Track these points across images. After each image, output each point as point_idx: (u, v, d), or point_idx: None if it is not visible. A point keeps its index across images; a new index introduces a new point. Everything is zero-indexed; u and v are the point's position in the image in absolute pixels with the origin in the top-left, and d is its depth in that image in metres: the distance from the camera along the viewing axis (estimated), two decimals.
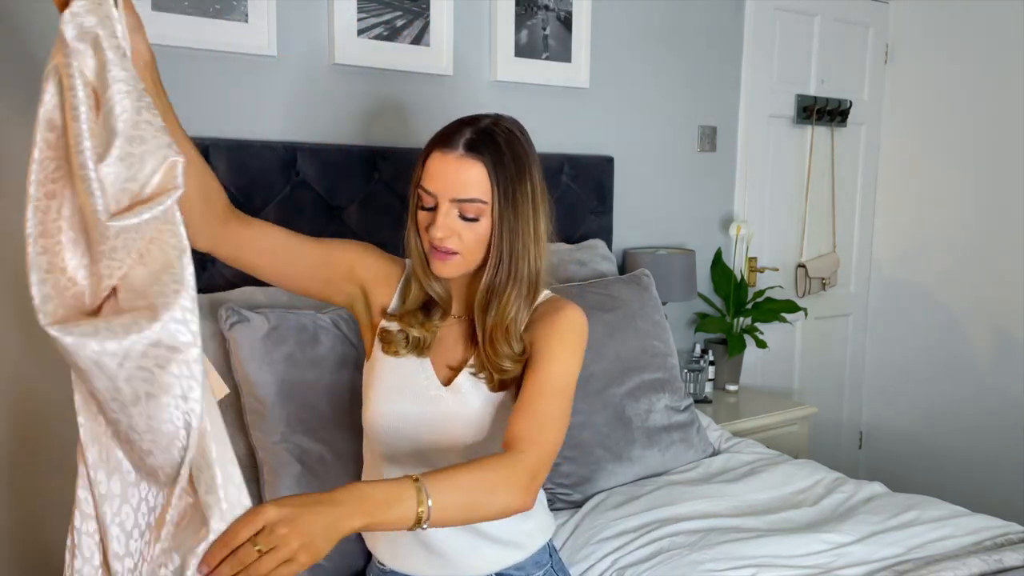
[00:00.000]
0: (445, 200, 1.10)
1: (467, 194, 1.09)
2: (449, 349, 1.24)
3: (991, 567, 1.44)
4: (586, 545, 1.55)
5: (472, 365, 1.20)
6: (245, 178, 1.77)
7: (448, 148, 1.10)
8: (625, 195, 2.48)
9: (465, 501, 0.97)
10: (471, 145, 1.10)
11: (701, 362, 2.58)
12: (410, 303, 1.21)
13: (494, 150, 1.10)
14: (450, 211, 1.10)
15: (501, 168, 1.10)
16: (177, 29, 1.70)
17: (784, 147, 2.96)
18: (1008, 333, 2.90)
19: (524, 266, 1.14)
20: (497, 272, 1.14)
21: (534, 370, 1.14)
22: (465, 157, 1.09)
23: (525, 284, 1.15)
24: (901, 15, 3.13)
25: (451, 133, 1.12)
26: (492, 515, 1.02)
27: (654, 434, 1.89)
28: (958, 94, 2.99)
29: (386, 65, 1.98)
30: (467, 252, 1.13)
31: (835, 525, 1.61)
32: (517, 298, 1.15)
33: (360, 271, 1.24)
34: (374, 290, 1.25)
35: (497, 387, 1.19)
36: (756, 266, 2.92)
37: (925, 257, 3.13)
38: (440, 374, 1.22)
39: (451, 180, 1.09)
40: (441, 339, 1.24)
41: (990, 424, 2.94)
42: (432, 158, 1.12)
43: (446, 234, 1.10)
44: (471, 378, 1.20)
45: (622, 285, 2.05)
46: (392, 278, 1.26)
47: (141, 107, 0.82)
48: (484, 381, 1.19)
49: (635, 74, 2.50)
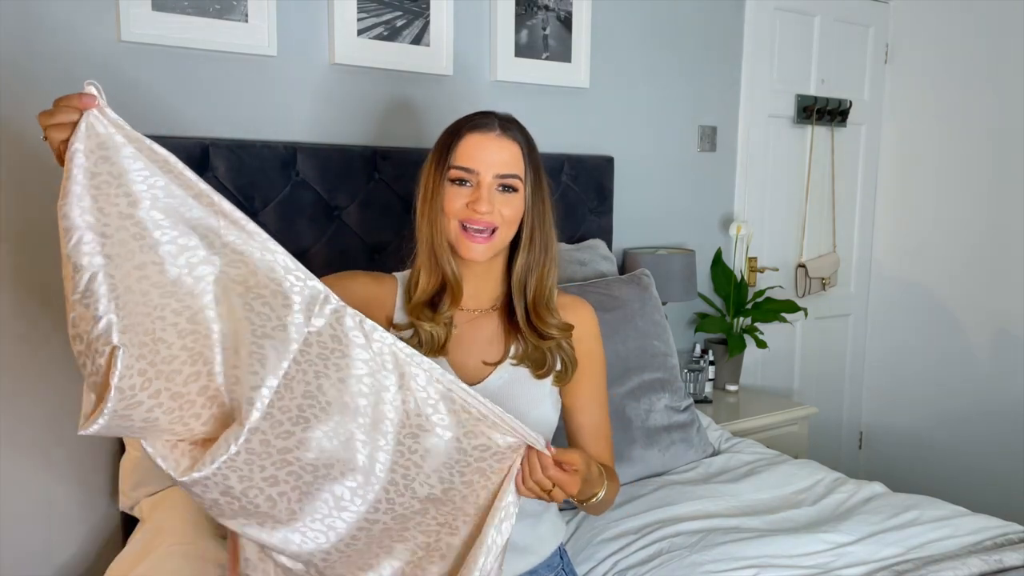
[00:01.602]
0: (488, 175, 1.15)
1: (509, 169, 1.16)
2: (482, 346, 1.23)
3: (991, 567, 1.44)
4: (587, 546, 1.55)
5: (513, 356, 1.22)
6: (245, 178, 1.77)
7: (485, 129, 1.17)
8: (625, 195, 2.48)
9: (611, 498, 1.25)
10: (505, 127, 1.18)
11: (701, 362, 2.58)
12: (418, 297, 1.20)
13: (523, 134, 1.20)
14: (492, 186, 1.15)
15: (529, 150, 1.20)
16: (177, 29, 1.70)
17: (784, 147, 2.96)
18: (1008, 333, 2.90)
19: (553, 243, 1.23)
20: (530, 250, 1.21)
21: (592, 387, 1.29)
22: (503, 136, 1.17)
23: (554, 259, 1.23)
24: (901, 15, 3.13)
25: (479, 118, 1.19)
26: (597, 514, 1.31)
27: (654, 434, 1.89)
28: (958, 94, 2.99)
29: (386, 65, 1.98)
30: (504, 227, 1.17)
31: (835, 525, 1.61)
32: (550, 274, 1.23)
33: (349, 302, 1.22)
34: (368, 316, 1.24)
35: (544, 373, 1.22)
36: (756, 266, 2.92)
37: (925, 257, 3.13)
38: (468, 373, 1.21)
39: (494, 157, 1.15)
40: (466, 336, 1.23)
41: (990, 424, 2.94)
42: (467, 139, 1.16)
43: (490, 208, 1.14)
44: (511, 370, 1.21)
45: (622, 285, 2.05)
46: (384, 298, 1.24)
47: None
48: (529, 369, 1.22)
49: (635, 74, 2.50)
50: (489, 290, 1.25)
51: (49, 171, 1.61)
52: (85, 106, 0.83)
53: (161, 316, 0.87)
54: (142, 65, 1.69)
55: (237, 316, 0.90)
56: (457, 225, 1.16)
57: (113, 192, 0.84)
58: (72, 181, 0.82)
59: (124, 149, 0.85)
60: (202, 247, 0.89)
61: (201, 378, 0.90)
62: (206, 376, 0.90)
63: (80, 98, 0.82)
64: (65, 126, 0.83)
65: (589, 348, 1.28)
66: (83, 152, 0.83)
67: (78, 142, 0.82)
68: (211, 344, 0.90)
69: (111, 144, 0.85)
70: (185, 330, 0.89)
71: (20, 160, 1.59)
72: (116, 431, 0.86)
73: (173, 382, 0.88)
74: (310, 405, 0.93)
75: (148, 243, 0.86)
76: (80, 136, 0.83)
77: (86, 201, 0.83)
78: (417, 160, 1.97)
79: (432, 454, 0.97)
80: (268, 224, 1.80)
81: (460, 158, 1.16)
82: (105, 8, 1.64)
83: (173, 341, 0.88)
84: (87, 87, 0.84)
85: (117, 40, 1.65)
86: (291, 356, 0.90)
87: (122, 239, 0.85)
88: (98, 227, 0.83)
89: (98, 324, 0.82)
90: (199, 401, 0.90)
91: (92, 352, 0.83)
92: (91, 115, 0.83)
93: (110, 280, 0.83)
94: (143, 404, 0.85)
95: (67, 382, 1.65)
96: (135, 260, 0.86)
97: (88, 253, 0.82)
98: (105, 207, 0.84)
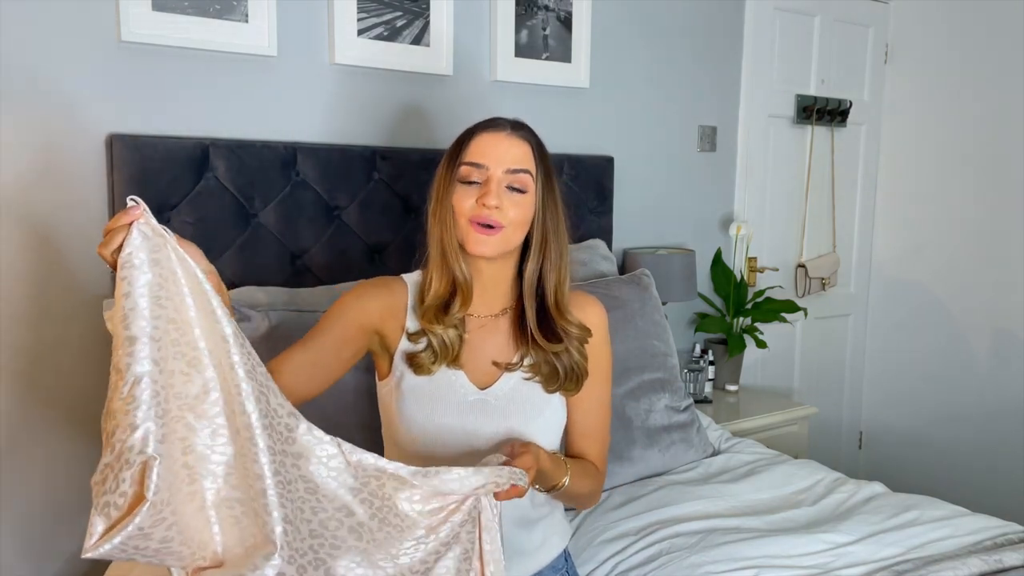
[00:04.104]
0: (499, 170, 1.16)
1: (519, 164, 1.17)
2: (493, 352, 1.23)
3: (991, 567, 1.44)
4: (588, 547, 1.55)
5: (526, 368, 1.22)
6: (245, 178, 1.77)
7: (496, 129, 1.19)
8: (625, 195, 2.48)
9: (579, 492, 1.25)
10: (516, 127, 1.20)
11: (701, 362, 2.58)
12: (430, 301, 1.20)
13: (534, 135, 1.22)
14: (502, 182, 1.16)
15: (540, 151, 1.21)
16: (177, 29, 1.70)
17: (784, 147, 2.96)
18: (1008, 333, 2.90)
19: (565, 245, 1.24)
20: (544, 254, 1.21)
21: (598, 389, 1.29)
22: (514, 135, 1.19)
23: (565, 263, 1.23)
24: (901, 15, 3.13)
25: (491, 120, 1.22)
26: (578, 505, 1.37)
27: (654, 434, 1.89)
28: (958, 94, 2.99)
29: (386, 65, 1.98)
30: (511, 227, 1.17)
31: (835, 525, 1.61)
32: (565, 278, 1.23)
33: (366, 321, 1.22)
34: (384, 327, 1.23)
35: (555, 389, 1.22)
36: (756, 266, 2.92)
37: (925, 257, 3.13)
38: (479, 378, 1.21)
39: (504, 153, 1.17)
40: (477, 343, 1.23)
41: (990, 424, 2.94)
42: (480, 137, 1.19)
43: (499, 202, 1.15)
44: (522, 380, 1.22)
45: (622, 285, 2.05)
46: (396, 306, 1.24)
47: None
48: (540, 383, 1.22)
49: (635, 74, 2.50)
50: (500, 295, 1.25)
51: (50, 172, 1.62)
52: (133, 219, 0.85)
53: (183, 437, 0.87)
54: (142, 65, 1.69)
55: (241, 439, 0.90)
56: (466, 223, 1.16)
57: (164, 295, 0.85)
58: (126, 284, 0.83)
59: (172, 254, 0.87)
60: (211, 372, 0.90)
61: (196, 498, 0.88)
62: (200, 496, 0.88)
63: (126, 213, 0.85)
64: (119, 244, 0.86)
65: (597, 349, 1.29)
66: (135, 257, 0.84)
67: (128, 247, 0.84)
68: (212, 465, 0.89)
69: (161, 248, 0.86)
70: (190, 446, 0.87)
71: (21, 159, 1.59)
72: (127, 552, 0.82)
73: (177, 501, 0.86)
74: (320, 545, 0.93)
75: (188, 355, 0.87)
76: (132, 243, 0.84)
77: (143, 304, 0.83)
78: (417, 160, 1.99)
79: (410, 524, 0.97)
80: (268, 224, 1.80)
81: (471, 155, 1.17)
82: (105, 8, 1.64)
83: (178, 458, 0.87)
84: (129, 202, 0.86)
85: (117, 40, 1.65)
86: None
87: (166, 344, 0.85)
88: (150, 331, 0.83)
89: (135, 433, 0.81)
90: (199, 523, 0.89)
91: (120, 464, 0.80)
92: (139, 225, 0.85)
93: (154, 386, 0.83)
94: (165, 520, 0.83)
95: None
96: (176, 366, 0.86)
97: (138, 359, 0.82)
98: (155, 310, 0.84)
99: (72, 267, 1.65)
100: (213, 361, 0.88)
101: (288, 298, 1.68)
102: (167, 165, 1.68)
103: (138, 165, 1.65)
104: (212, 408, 0.88)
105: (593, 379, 1.28)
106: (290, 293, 1.70)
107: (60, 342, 1.66)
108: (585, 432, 1.31)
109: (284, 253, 1.83)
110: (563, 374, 1.21)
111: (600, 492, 1.35)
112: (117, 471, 0.80)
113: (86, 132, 1.65)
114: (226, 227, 1.76)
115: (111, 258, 0.85)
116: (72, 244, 1.65)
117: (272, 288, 1.71)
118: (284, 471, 0.90)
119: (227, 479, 0.89)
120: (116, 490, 0.79)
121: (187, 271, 0.87)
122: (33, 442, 1.65)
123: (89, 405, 1.67)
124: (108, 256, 0.85)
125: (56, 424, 1.67)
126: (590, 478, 1.28)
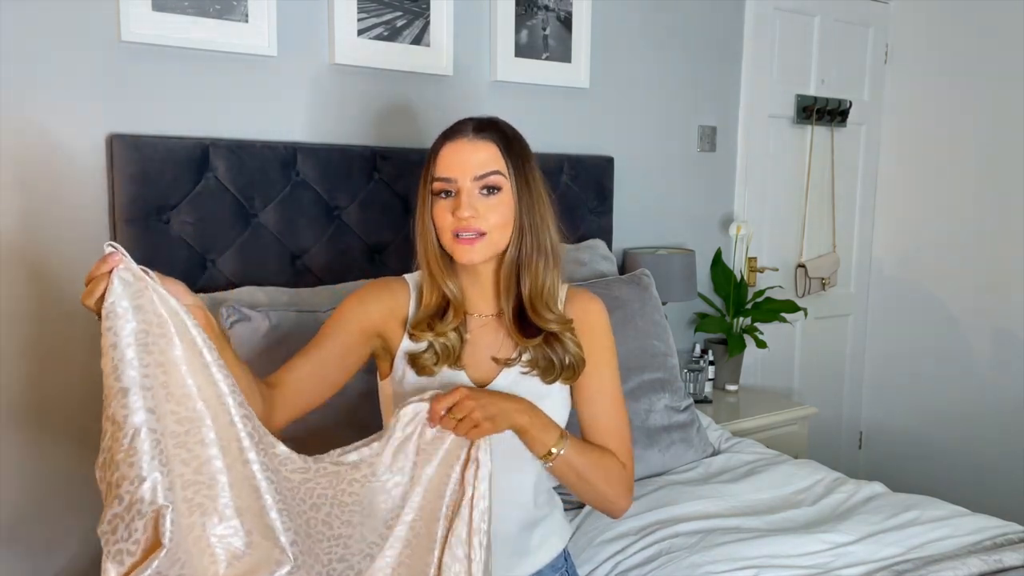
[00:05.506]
0: (466, 181, 1.14)
1: (484, 168, 1.15)
2: (492, 349, 1.23)
3: (991, 567, 1.44)
4: (588, 547, 1.55)
5: (524, 363, 1.22)
6: (245, 178, 1.77)
7: (457, 136, 1.17)
8: (625, 195, 2.48)
9: (586, 470, 1.19)
10: (479, 129, 1.17)
11: (701, 362, 2.58)
12: (421, 314, 1.21)
13: (500, 132, 1.18)
14: (472, 191, 1.14)
15: (510, 145, 1.17)
16: (177, 29, 1.70)
17: (784, 147, 2.96)
18: (1008, 333, 2.90)
19: (546, 237, 1.21)
20: (521, 243, 1.18)
21: (598, 379, 1.26)
22: (476, 139, 1.16)
23: (549, 254, 1.21)
24: (901, 15, 3.13)
25: (454, 127, 1.19)
26: (598, 498, 1.23)
27: (654, 434, 1.89)
28: (958, 94, 2.99)
29: (386, 65, 1.98)
30: (493, 231, 1.15)
31: (835, 525, 1.61)
32: (545, 268, 1.21)
33: (368, 325, 1.22)
34: (386, 329, 1.24)
35: (552, 380, 1.22)
36: (756, 266, 2.92)
37: (925, 257, 3.13)
38: (481, 376, 1.22)
39: (468, 161, 1.14)
40: (478, 341, 1.23)
41: (990, 424, 2.94)
42: (443, 150, 1.17)
43: (472, 213, 1.13)
44: (520, 375, 1.22)
45: (622, 285, 2.05)
46: (398, 309, 1.24)
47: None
48: (537, 376, 1.21)
49: (635, 74, 2.50)
50: (493, 295, 1.24)
51: (50, 172, 1.62)
52: (112, 266, 0.85)
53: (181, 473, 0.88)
54: (142, 65, 1.69)
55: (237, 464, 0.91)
56: (450, 237, 1.16)
57: (151, 340, 0.85)
58: (111, 334, 0.83)
59: (155, 295, 0.86)
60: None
61: (195, 529, 0.89)
62: (200, 528, 0.89)
63: (104, 261, 0.84)
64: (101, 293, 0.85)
65: (598, 340, 1.28)
66: (118, 306, 0.84)
67: (111, 296, 0.83)
68: (215, 495, 0.90)
69: (143, 292, 0.86)
70: (188, 481, 0.88)
71: (21, 159, 1.59)
72: None
73: (182, 536, 0.87)
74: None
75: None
76: (114, 292, 0.84)
77: (130, 354, 0.83)
78: (417, 160, 1.99)
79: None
80: (268, 224, 1.80)
81: (439, 170, 1.16)
82: (105, 8, 1.64)
83: (179, 493, 0.88)
84: (107, 248, 0.85)
85: (117, 40, 1.65)
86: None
87: (157, 388, 0.85)
88: (140, 380, 0.83)
89: (143, 484, 0.81)
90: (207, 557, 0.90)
91: (131, 515, 0.81)
92: (119, 271, 0.85)
93: (153, 435, 0.83)
94: (179, 560, 0.83)
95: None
96: (168, 408, 0.87)
97: (134, 410, 0.82)
98: (144, 358, 0.84)
99: (72, 267, 1.65)
100: (203, 396, 0.89)
101: (288, 298, 1.68)
102: (167, 165, 1.68)
103: (138, 165, 1.65)
104: (208, 435, 0.89)
105: (595, 369, 1.26)
106: (290, 293, 1.71)
107: (60, 341, 1.66)
108: (596, 427, 1.27)
109: (284, 253, 1.83)
110: (559, 365, 1.21)
111: (628, 492, 1.25)
112: (128, 521, 0.81)
113: (86, 132, 1.65)
114: (226, 227, 1.76)
115: (95, 307, 0.85)
116: (72, 244, 1.65)
117: (272, 288, 1.71)
118: (278, 481, 0.92)
119: (225, 500, 0.90)
120: (129, 538, 0.81)
121: (171, 310, 0.87)
122: (28, 442, 1.66)
123: (88, 405, 1.67)
124: (92, 306, 0.85)
125: (56, 423, 1.68)
126: (603, 468, 1.22)
